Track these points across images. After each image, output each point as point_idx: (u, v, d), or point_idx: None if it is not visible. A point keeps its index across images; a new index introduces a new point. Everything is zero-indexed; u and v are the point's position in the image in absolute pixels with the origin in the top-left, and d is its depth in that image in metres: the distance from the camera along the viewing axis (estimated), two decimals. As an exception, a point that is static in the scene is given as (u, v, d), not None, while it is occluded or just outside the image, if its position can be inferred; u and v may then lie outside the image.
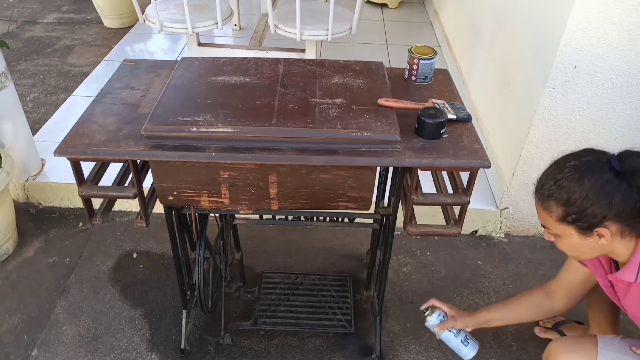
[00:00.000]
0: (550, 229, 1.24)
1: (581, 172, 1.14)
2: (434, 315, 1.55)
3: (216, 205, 1.31)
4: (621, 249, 1.19)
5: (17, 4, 4.48)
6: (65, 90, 3.18)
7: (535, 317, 1.61)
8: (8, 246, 2.11)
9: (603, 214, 1.13)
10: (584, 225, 1.16)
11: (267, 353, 1.77)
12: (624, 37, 1.70)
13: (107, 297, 1.95)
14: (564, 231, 1.20)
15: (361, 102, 1.29)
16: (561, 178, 1.16)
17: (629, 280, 1.22)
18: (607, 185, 1.12)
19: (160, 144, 1.20)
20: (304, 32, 2.39)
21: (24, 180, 2.32)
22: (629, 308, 1.33)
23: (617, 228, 1.15)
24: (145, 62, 1.56)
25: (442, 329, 1.54)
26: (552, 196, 1.18)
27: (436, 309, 1.56)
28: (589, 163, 1.15)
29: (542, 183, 1.22)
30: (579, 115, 1.89)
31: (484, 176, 2.43)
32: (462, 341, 1.55)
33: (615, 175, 1.12)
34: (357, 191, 1.27)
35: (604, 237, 1.16)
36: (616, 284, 1.33)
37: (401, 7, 4.44)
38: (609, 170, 1.13)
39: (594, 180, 1.12)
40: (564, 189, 1.15)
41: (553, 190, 1.17)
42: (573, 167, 1.16)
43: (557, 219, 1.19)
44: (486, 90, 2.54)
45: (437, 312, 1.55)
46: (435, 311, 1.56)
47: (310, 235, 2.26)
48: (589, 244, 1.19)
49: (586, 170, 1.14)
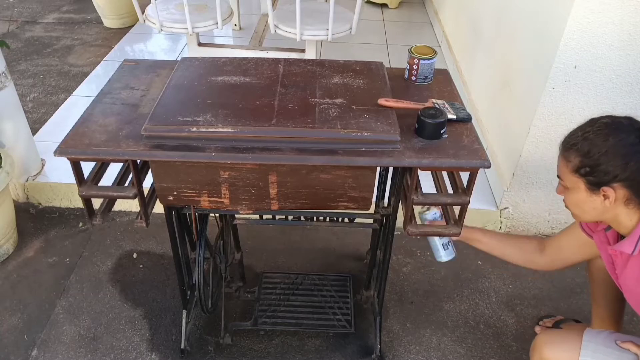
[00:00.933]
0: (563, 180, 1.27)
1: (610, 130, 1.17)
2: (430, 212, 1.56)
3: (216, 205, 1.31)
4: (624, 218, 1.22)
5: (17, 4, 4.48)
6: (65, 90, 3.18)
7: (518, 260, 1.62)
8: (8, 246, 2.11)
9: (615, 173, 1.15)
10: (594, 181, 1.19)
11: (267, 353, 1.77)
12: (624, 37, 1.70)
13: (107, 297, 1.95)
14: (575, 184, 1.22)
15: (361, 102, 1.29)
16: (589, 131, 1.19)
17: (627, 251, 1.24)
18: (628, 147, 1.15)
19: (160, 144, 1.20)
20: (304, 32, 2.39)
21: (24, 180, 2.32)
22: (624, 284, 1.33)
23: (624, 194, 1.17)
24: (145, 62, 1.56)
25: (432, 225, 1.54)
26: (575, 145, 1.21)
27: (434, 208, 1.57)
28: (620, 124, 1.19)
29: (572, 133, 1.24)
30: (579, 115, 1.89)
31: (484, 176, 2.43)
32: (443, 244, 1.58)
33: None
34: (357, 191, 1.27)
35: (608, 198, 1.18)
36: (616, 259, 1.34)
37: (401, 7, 4.44)
38: (636, 137, 1.16)
39: (618, 139, 1.15)
40: (588, 141, 1.18)
41: (578, 140, 1.20)
42: (605, 124, 1.19)
43: (572, 169, 1.22)
44: (486, 90, 2.54)
45: (433, 210, 1.56)
46: (432, 209, 1.57)
47: (310, 235, 2.26)
48: (594, 202, 1.22)
49: (615, 129, 1.17)
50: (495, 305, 1.96)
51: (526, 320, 1.91)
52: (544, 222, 2.25)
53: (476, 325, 1.89)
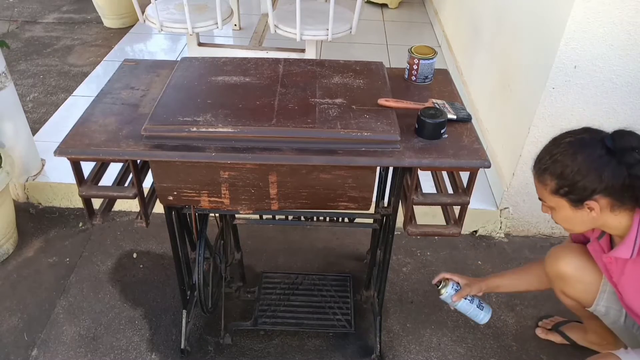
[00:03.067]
0: (545, 202, 1.32)
1: (575, 148, 1.21)
2: (449, 286, 1.60)
3: (216, 205, 1.31)
4: (613, 221, 1.25)
5: (17, 4, 4.48)
6: (65, 90, 3.18)
7: (541, 287, 1.63)
8: (8, 246, 2.11)
9: (593, 187, 1.19)
10: (575, 198, 1.22)
11: (267, 353, 1.77)
12: (624, 37, 1.70)
13: (107, 297, 1.95)
14: (558, 203, 1.27)
15: (361, 102, 1.29)
16: (556, 153, 1.24)
17: (624, 256, 1.26)
18: (597, 161, 1.18)
19: (160, 144, 1.20)
20: (304, 32, 2.39)
21: (24, 180, 2.32)
22: (624, 291, 1.33)
23: (607, 202, 1.21)
24: (145, 62, 1.56)
25: (459, 298, 1.60)
26: (547, 170, 1.25)
27: (448, 280, 1.62)
28: (583, 140, 1.23)
29: (540, 157, 1.29)
30: (579, 115, 1.89)
31: (484, 176, 2.43)
32: (477, 306, 1.62)
33: (606, 152, 1.19)
34: (357, 191, 1.27)
35: (593, 210, 1.22)
36: (611, 267, 1.35)
37: (401, 7, 4.44)
38: (601, 148, 1.19)
39: (586, 155, 1.19)
40: (559, 163, 1.22)
41: (548, 164, 1.25)
42: (568, 143, 1.23)
43: (551, 192, 1.26)
44: (486, 91, 2.54)
45: (450, 283, 1.61)
46: (448, 283, 1.61)
47: (310, 235, 2.26)
48: (581, 216, 1.25)
49: (580, 147, 1.21)
50: (495, 305, 1.96)
51: (526, 320, 1.91)
52: (544, 222, 2.25)
53: (476, 325, 1.89)
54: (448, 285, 1.61)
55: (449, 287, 1.60)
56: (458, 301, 1.60)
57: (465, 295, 1.60)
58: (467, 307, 1.62)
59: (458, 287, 1.61)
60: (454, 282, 1.62)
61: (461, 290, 1.60)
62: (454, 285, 1.61)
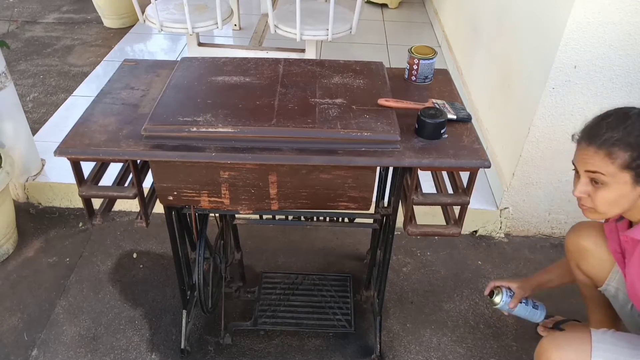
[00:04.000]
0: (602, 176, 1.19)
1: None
2: (503, 294, 1.60)
3: (216, 205, 1.31)
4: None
5: (17, 4, 4.48)
6: (65, 90, 3.18)
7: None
8: (8, 246, 2.11)
9: None
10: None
11: (267, 353, 1.77)
12: (624, 37, 1.70)
13: (107, 297, 1.95)
14: (621, 179, 1.17)
15: (361, 102, 1.29)
16: (630, 124, 1.15)
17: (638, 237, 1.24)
18: None
19: (160, 144, 1.20)
20: (304, 32, 2.39)
21: (24, 180, 2.32)
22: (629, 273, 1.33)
23: None
24: (145, 62, 1.56)
25: (515, 304, 1.60)
26: (620, 141, 1.15)
27: (500, 288, 1.62)
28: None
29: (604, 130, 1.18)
30: (579, 115, 1.89)
31: (484, 176, 2.43)
32: (533, 307, 1.63)
33: None
34: (357, 191, 1.27)
35: None
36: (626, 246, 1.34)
37: (401, 7, 4.44)
38: None
39: None
40: (636, 132, 1.14)
41: (622, 135, 1.15)
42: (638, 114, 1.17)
43: (622, 165, 1.16)
44: (486, 91, 2.54)
45: (503, 290, 1.61)
46: (501, 290, 1.61)
47: (310, 235, 2.26)
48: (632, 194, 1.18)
49: None
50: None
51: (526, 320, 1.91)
52: (544, 222, 2.25)
53: (476, 325, 1.89)
54: (502, 293, 1.59)
55: (503, 294, 1.59)
56: (515, 307, 1.60)
57: (521, 299, 1.60)
58: (523, 310, 1.63)
59: (511, 292, 1.60)
60: (506, 288, 1.61)
61: (515, 295, 1.60)
62: (507, 292, 1.60)
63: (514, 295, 1.62)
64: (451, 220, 1.36)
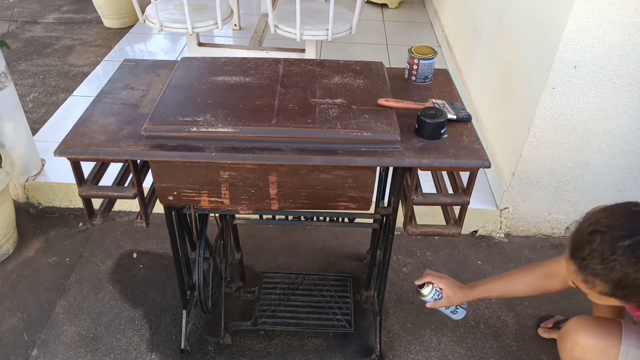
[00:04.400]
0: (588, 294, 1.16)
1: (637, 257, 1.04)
2: (431, 294, 1.54)
3: (216, 205, 1.31)
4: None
5: (17, 4, 4.48)
6: (65, 90, 3.18)
7: (531, 295, 1.55)
8: (8, 246, 2.11)
9: None
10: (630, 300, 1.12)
11: (267, 353, 1.77)
12: (624, 37, 1.70)
13: (107, 297, 1.95)
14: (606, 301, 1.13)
15: (361, 102, 1.29)
16: (613, 260, 1.05)
17: None
18: None
19: (160, 144, 1.20)
20: (304, 32, 2.39)
21: (24, 180, 2.32)
22: None
23: None
24: (145, 62, 1.56)
25: (434, 307, 1.57)
26: (599, 275, 1.09)
27: (431, 284, 1.54)
28: None
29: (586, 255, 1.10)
30: (579, 115, 1.89)
31: (484, 176, 2.43)
32: (452, 311, 1.61)
33: None
34: (357, 191, 1.27)
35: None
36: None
37: (401, 7, 4.44)
38: None
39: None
40: (617, 272, 1.06)
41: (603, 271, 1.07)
42: (628, 247, 1.05)
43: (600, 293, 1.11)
44: (486, 90, 2.54)
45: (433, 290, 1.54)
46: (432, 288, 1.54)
47: (310, 235, 2.26)
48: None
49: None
50: (495, 306, 1.96)
51: (526, 320, 1.91)
52: (544, 222, 2.25)
53: (476, 325, 1.89)
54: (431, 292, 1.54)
55: (431, 294, 1.54)
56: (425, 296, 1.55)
57: (442, 307, 1.56)
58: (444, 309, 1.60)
59: (439, 296, 1.54)
60: (437, 289, 1.54)
61: (440, 301, 1.54)
62: (435, 292, 1.54)
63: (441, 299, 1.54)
64: (451, 220, 1.36)
